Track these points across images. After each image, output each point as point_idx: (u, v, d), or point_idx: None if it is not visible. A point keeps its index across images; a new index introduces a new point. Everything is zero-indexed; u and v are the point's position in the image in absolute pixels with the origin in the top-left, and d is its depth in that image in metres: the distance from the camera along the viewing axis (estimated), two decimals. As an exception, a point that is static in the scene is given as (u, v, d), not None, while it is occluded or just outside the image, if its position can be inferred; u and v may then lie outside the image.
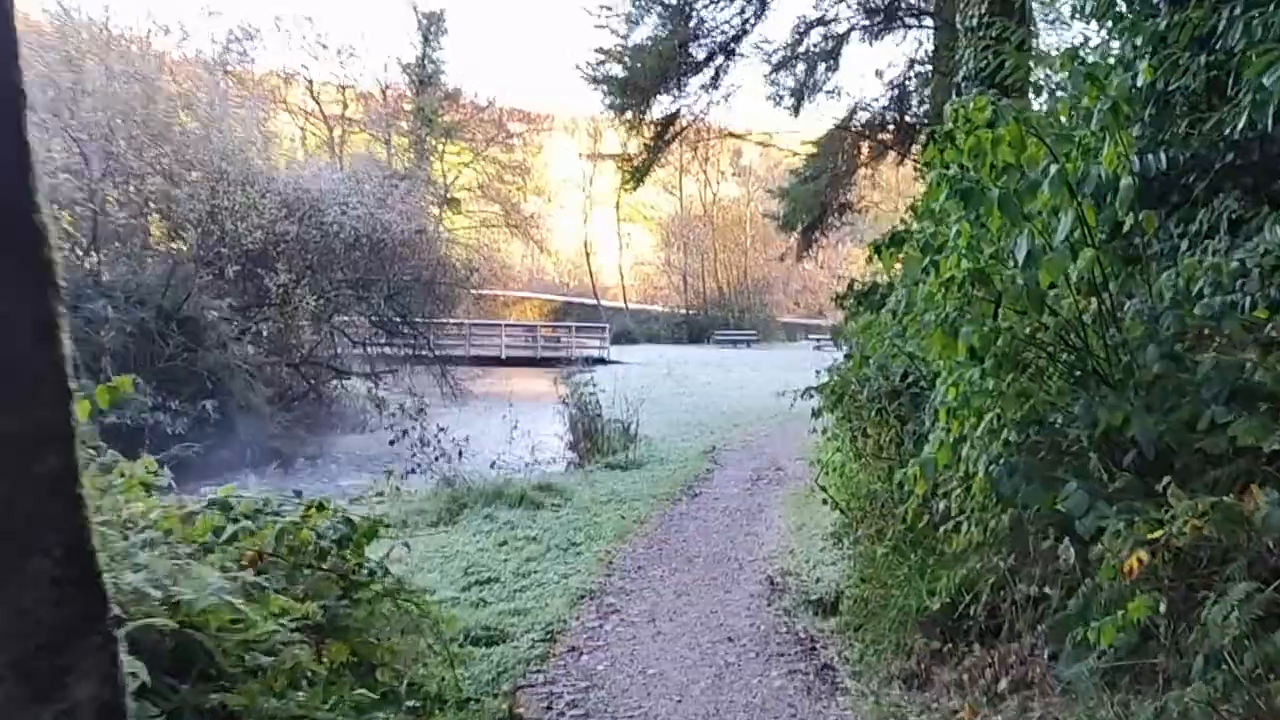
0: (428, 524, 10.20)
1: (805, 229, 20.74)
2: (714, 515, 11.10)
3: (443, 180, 51.01)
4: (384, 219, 22.05)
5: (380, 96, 49.41)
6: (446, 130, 50.24)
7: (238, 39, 44.12)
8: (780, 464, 14.83)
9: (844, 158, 20.21)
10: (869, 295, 9.36)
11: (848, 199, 21.55)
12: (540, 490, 11.45)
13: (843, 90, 20.51)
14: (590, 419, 16.12)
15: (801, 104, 20.27)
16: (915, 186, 45.57)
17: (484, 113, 50.66)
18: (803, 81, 20.08)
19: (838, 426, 8.39)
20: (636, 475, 13.74)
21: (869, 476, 7.25)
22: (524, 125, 52.57)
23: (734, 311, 55.32)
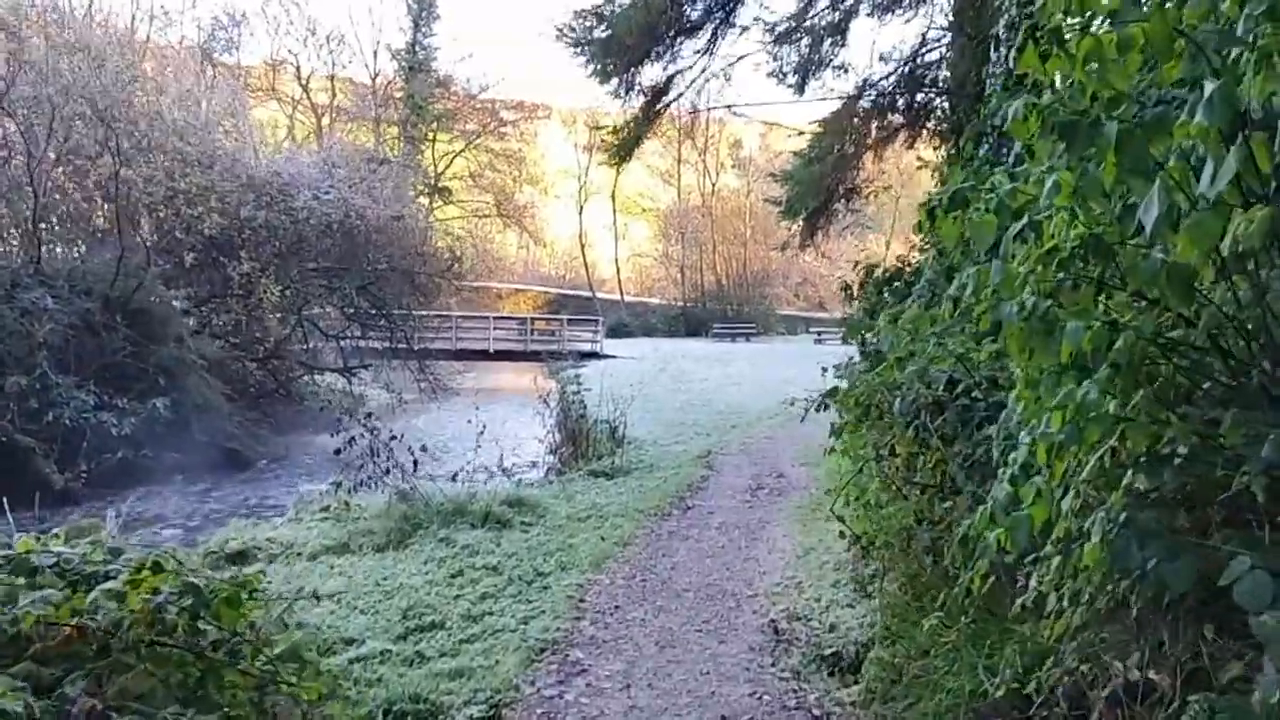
0: (373, 547, 8.80)
1: (809, 215, 19.30)
2: (708, 534, 9.70)
3: (433, 169, 49.57)
4: (359, 204, 20.60)
5: (370, 83, 47.97)
6: (437, 118, 48.76)
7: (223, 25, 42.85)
8: (782, 470, 13.44)
9: (851, 138, 18.77)
10: (892, 282, 7.97)
11: (855, 184, 20.11)
12: (509, 506, 10.04)
13: (850, 67, 18.98)
14: (574, 420, 14.73)
15: (806, 82, 18.84)
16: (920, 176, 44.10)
17: (476, 100, 49.12)
18: (807, 57, 18.65)
19: (854, 442, 7.00)
20: (622, 485, 12.35)
21: (898, 509, 5.83)
22: (518, 113, 51.05)
23: (733, 304, 53.91)
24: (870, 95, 18.77)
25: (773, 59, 18.26)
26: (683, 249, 56.48)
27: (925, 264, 7.41)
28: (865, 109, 18.60)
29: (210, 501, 14.76)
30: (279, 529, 9.64)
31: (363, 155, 25.79)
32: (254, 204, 19.12)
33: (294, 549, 8.81)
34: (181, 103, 18.96)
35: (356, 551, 8.73)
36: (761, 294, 56.05)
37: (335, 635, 6.32)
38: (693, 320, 52.11)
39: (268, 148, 23.87)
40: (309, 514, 10.21)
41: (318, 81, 47.85)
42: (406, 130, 46.93)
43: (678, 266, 56.97)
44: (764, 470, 13.53)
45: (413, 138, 47.42)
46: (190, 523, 12.48)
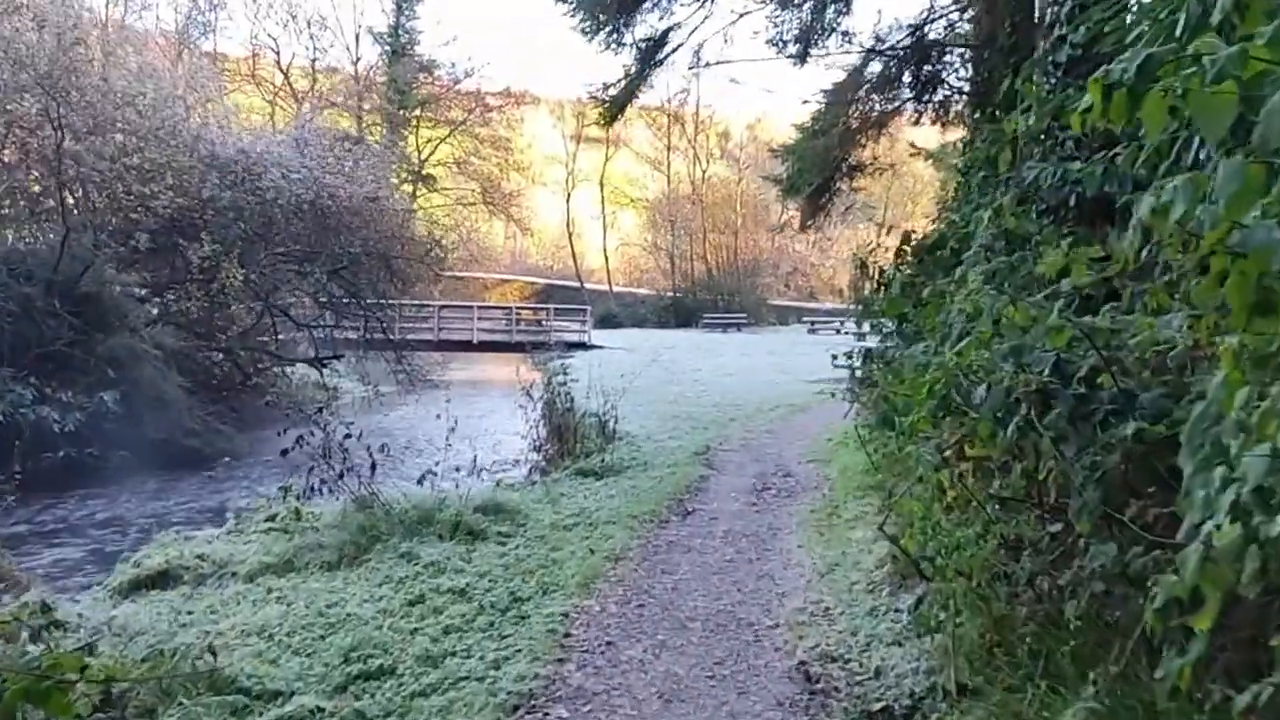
0: (322, 565, 7.50)
1: (812, 193, 17.98)
2: (713, 544, 8.44)
3: (417, 156, 48.12)
4: (331, 184, 19.24)
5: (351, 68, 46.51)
6: (421, 103, 47.29)
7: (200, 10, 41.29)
8: (789, 468, 12.18)
9: (858, 110, 17.49)
10: (936, 250, 6.70)
11: (860, 160, 18.82)
12: (485, 513, 8.74)
13: (855, 35, 17.67)
14: (560, 414, 13.44)
15: (808, 51, 17.54)
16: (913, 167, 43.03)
17: (460, 85, 47.67)
18: (809, 23, 17.34)
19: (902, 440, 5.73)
20: (613, 485, 11.07)
21: (973, 528, 4.52)
22: (504, 99, 49.53)
23: (723, 294, 52.57)
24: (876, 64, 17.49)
25: (773, 24, 16.95)
26: (672, 238, 55.14)
27: (977, 227, 6.15)
28: (872, 78, 17.30)
29: (158, 505, 13.42)
30: (215, 542, 8.33)
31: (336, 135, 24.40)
32: (218, 183, 17.75)
33: (229, 567, 7.52)
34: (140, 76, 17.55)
35: (302, 570, 7.43)
36: (753, 284, 54.77)
37: (258, 686, 5.04)
38: (683, 310, 50.82)
39: (245, 132, 22.42)
40: (254, 524, 8.90)
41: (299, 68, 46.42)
42: (389, 116, 45.43)
43: (667, 256, 55.66)
44: (768, 468, 12.27)
45: (395, 123, 45.94)
46: (126, 531, 11.14)
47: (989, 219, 6.15)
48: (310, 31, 44.50)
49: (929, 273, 6.71)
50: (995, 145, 6.45)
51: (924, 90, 17.93)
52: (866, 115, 18.09)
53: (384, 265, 20.98)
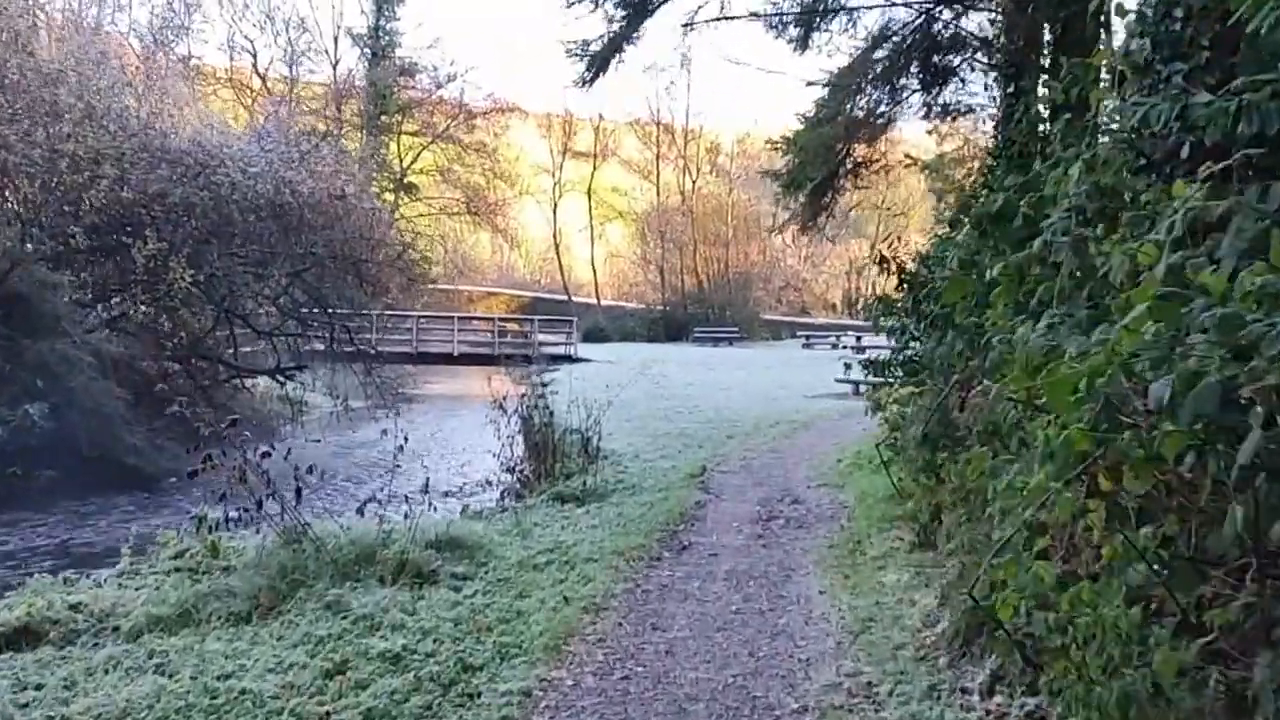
0: (227, 618, 5.98)
1: (814, 190, 16.54)
2: (715, 589, 6.95)
3: (399, 163, 46.62)
4: (292, 179, 17.73)
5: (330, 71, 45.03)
6: (402, 108, 45.80)
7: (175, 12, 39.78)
8: (797, 493, 10.70)
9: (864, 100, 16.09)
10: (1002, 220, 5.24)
11: (864, 156, 17.42)
12: (439, 549, 7.23)
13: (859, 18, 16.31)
14: (538, 430, 11.93)
15: (810, 36, 16.17)
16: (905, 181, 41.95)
17: (443, 90, 46.17)
18: (811, 3, 15.98)
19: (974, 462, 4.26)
20: (596, 513, 9.57)
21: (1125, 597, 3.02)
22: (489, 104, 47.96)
23: (714, 308, 51.11)
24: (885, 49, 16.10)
25: (771, 3, 15.58)
26: (662, 250, 53.69)
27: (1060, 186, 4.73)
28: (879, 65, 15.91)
29: (79, 533, 11.85)
30: (103, 587, 6.78)
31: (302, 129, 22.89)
32: (167, 176, 16.22)
33: (110, 621, 5.99)
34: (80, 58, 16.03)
35: (201, 625, 5.91)
36: (744, 297, 53.36)
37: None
38: (672, 324, 49.34)
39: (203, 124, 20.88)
40: (159, 562, 7.36)
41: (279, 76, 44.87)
42: (369, 120, 43.95)
43: (656, 268, 54.19)
44: (774, 493, 10.79)
45: (376, 128, 44.45)
46: (28, 565, 9.53)
47: (1079, 174, 4.71)
48: (288, 34, 42.93)
49: (995, 247, 5.27)
50: (1079, 83, 5.03)
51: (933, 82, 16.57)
52: (872, 108, 16.72)
53: (352, 269, 19.43)
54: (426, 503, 7.61)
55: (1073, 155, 5.02)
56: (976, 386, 4.13)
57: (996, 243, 5.29)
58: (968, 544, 5.42)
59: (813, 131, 15.69)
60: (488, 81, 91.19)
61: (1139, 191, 4.60)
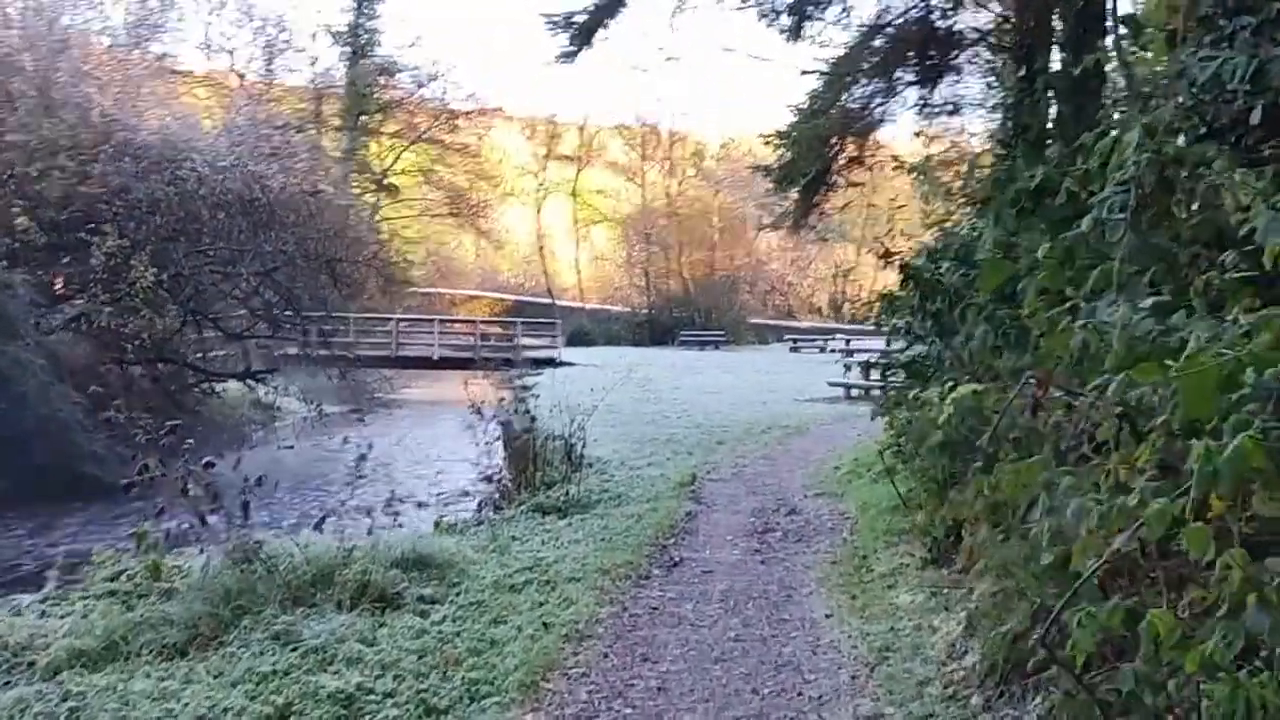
0: (161, 650, 5.28)
1: (807, 186, 15.89)
2: (710, 612, 6.30)
3: (379, 164, 45.79)
4: (261, 171, 16.98)
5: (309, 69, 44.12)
6: (382, 108, 44.97)
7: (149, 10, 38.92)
8: (794, 503, 10.05)
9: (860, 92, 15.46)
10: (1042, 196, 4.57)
11: (859, 153, 16.78)
12: (405, 568, 6.56)
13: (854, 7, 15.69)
14: (519, 437, 11.23)
15: (803, 24, 15.55)
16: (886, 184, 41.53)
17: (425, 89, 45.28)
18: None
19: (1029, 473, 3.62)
20: (579, 526, 8.88)
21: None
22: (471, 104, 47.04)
23: (700, 311, 50.43)
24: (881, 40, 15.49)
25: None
26: (647, 252, 53.01)
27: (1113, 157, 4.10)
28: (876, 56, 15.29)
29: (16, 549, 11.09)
30: (24, 614, 6.05)
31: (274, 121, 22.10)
32: (131, 171, 15.47)
33: (25, 655, 5.28)
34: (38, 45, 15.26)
35: (131, 658, 5.21)
36: (730, 301, 52.72)
37: None
38: (658, 328, 48.61)
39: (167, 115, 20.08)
40: (93, 584, 6.63)
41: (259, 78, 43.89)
42: (349, 120, 43.11)
43: (642, 271, 53.49)
44: (769, 502, 10.14)
45: (356, 128, 43.63)
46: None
47: (1136, 143, 4.07)
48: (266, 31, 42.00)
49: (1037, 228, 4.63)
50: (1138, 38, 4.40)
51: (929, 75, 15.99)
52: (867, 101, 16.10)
53: (326, 269, 18.67)
54: (392, 517, 6.87)
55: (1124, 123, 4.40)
56: (1040, 385, 3.48)
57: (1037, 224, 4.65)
58: (1002, 566, 4.76)
59: (806, 124, 15.04)
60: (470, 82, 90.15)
61: (1207, 159, 3.98)
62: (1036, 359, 3.95)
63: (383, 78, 44.98)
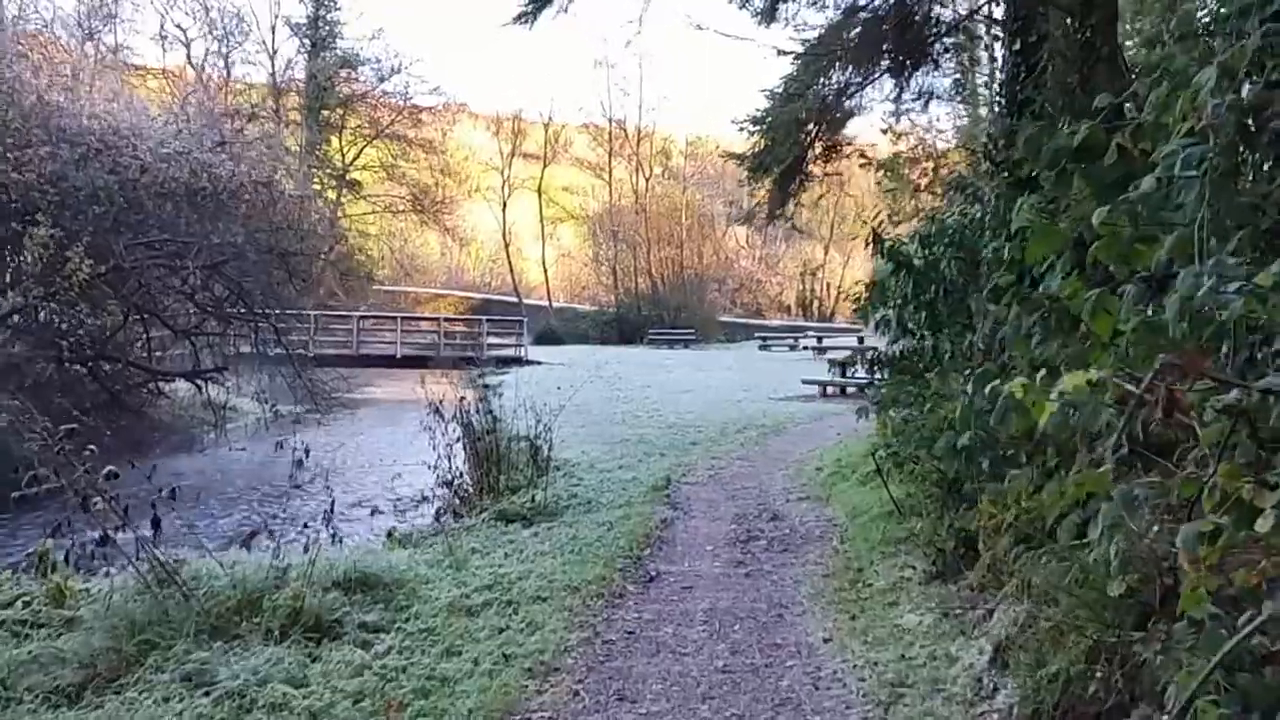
0: (49, 696, 4.48)
1: (782, 175, 15.20)
2: (694, 636, 5.57)
3: (341, 159, 44.71)
4: (210, 162, 16.06)
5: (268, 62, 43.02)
6: (344, 101, 43.92)
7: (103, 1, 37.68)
8: (776, 509, 9.34)
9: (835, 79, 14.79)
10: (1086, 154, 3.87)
11: (835, 139, 16.12)
12: (348, 589, 5.78)
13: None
14: (480, 437, 10.44)
15: (777, 6, 14.89)
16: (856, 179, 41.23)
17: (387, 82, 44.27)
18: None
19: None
20: (546, 536, 8.13)
21: None
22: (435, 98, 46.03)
23: (669, 309, 49.71)
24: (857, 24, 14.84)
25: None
26: (615, 250, 52.21)
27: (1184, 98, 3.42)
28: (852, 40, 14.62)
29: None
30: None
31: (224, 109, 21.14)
32: (68, 158, 14.53)
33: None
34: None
35: (13, 705, 4.40)
36: (699, 299, 52.05)
37: None
38: (627, 326, 47.84)
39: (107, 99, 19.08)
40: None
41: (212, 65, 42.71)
42: (309, 114, 42.05)
43: (609, 269, 52.70)
44: (750, 507, 9.42)
45: (317, 123, 42.57)
46: None
47: (1213, 84, 3.40)
48: (223, 23, 40.86)
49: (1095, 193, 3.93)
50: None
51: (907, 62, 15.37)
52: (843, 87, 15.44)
53: (280, 262, 17.77)
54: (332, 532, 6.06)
55: (1181, 69, 3.71)
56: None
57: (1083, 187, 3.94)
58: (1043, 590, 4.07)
59: (782, 109, 14.35)
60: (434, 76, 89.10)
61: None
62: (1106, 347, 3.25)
63: (344, 71, 44.00)
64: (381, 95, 44.80)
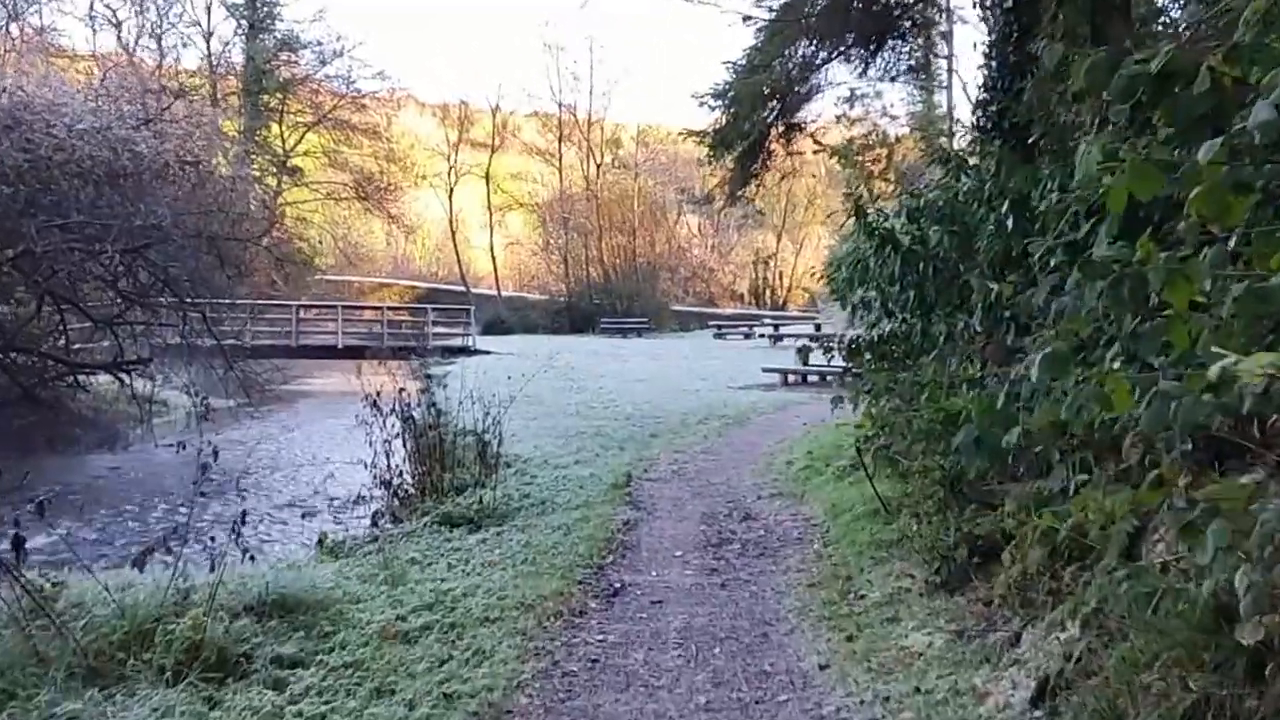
0: None
1: (744, 154, 14.48)
2: (667, 664, 4.79)
3: (281, 145, 43.19)
4: (131, 139, 14.94)
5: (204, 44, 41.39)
6: (284, 86, 42.44)
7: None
8: (748, 507, 8.59)
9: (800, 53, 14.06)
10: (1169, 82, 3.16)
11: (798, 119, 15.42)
12: (260, 616, 4.91)
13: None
14: (420, 433, 9.54)
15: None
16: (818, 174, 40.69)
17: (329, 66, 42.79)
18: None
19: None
20: (496, 542, 7.29)
21: None
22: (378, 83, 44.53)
23: (621, 298, 48.87)
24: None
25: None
26: (566, 237, 51.22)
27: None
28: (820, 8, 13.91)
29: None
30: None
31: (149, 85, 19.93)
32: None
33: None
34: None
35: None
36: (652, 288, 51.29)
37: None
38: (578, 315, 46.94)
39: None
40: None
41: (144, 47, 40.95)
42: (247, 98, 40.55)
43: (560, 257, 51.70)
44: (718, 506, 8.65)
45: (256, 107, 41.09)
46: None
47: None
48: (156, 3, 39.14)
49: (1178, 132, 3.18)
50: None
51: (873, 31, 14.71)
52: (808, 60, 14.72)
53: (209, 247, 16.65)
54: (241, 544, 5.15)
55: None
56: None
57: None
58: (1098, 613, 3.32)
59: (745, 80, 13.61)
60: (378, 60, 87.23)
61: None
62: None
63: (283, 54, 42.48)
64: (323, 79, 43.39)
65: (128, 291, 16.24)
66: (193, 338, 16.72)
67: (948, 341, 6.60)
